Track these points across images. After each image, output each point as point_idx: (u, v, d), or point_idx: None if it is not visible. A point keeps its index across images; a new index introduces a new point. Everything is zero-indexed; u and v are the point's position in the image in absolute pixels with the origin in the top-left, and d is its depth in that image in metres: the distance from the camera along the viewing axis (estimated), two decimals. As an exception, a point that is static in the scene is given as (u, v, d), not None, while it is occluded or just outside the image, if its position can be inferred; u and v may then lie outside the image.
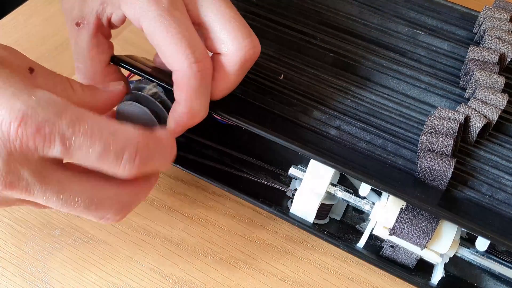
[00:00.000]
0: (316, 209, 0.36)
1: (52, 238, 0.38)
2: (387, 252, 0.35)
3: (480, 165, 0.36)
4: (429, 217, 0.33)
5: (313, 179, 0.35)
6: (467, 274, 0.37)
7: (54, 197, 0.28)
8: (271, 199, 0.37)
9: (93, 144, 0.27)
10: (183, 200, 0.41)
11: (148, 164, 0.30)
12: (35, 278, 0.36)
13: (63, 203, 0.29)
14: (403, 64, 0.41)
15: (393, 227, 0.33)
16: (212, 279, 0.37)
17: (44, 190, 0.28)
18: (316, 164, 0.35)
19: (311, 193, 0.35)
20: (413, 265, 0.35)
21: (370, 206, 0.35)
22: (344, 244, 0.35)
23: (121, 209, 0.31)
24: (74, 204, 0.29)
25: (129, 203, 0.32)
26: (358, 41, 0.42)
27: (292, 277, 0.38)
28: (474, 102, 0.37)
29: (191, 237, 0.39)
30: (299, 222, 0.36)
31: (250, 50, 0.33)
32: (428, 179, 0.34)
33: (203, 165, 0.39)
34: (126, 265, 0.37)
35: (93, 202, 0.29)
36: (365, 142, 0.36)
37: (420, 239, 0.32)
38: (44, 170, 0.27)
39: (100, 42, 0.35)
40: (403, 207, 0.33)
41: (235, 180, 0.38)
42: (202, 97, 0.32)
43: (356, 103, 0.38)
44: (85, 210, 0.30)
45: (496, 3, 0.44)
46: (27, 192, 0.28)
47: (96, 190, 0.30)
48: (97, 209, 0.30)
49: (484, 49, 0.39)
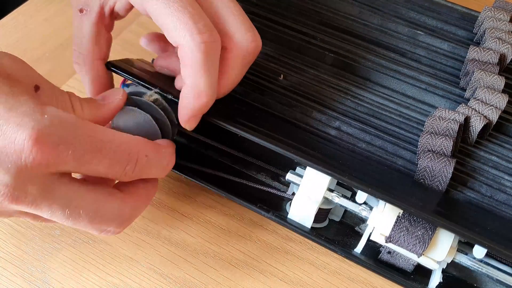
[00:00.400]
0: (314, 215, 0.35)
1: (52, 238, 0.38)
2: (385, 257, 0.35)
3: (480, 166, 0.36)
4: (426, 225, 0.32)
5: (310, 186, 0.35)
6: (467, 275, 0.36)
7: (59, 211, 0.28)
8: (270, 202, 0.37)
9: (103, 158, 0.28)
10: (183, 200, 0.41)
11: (148, 171, 0.31)
12: (35, 278, 0.36)
13: (68, 217, 0.29)
14: (403, 65, 0.41)
15: (389, 235, 0.33)
16: (212, 279, 0.37)
17: (50, 204, 0.28)
18: (313, 170, 0.34)
19: (308, 200, 0.35)
20: (411, 270, 0.35)
21: (367, 212, 0.35)
22: (342, 249, 0.35)
23: (123, 222, 0.32)
24: (78, 218, 0.29)
25: (131, 216, 0.32)
26: (358, 41, 0.42)
27: (292, 277, 0.38)
28: (474, 103, 0.37)
29: (191, 237, 0.39)
30: (296, 227, 0.36)
31: (252, 43, 0.34)
32: (427, 180, 0.34)
33: (202, 171, 0.39)
34: (126, 265, 0.37)
35: (97, 215, 0.30)
36: (364, 142, 0.36)
37: (416, 248, 0.32)
38: (51, 185, 0.28)
39: (100, 31, 0.36)
40: (400, 215, 0.33)
41: (234, 184, 0.38)
42: (208, 74, 0.32)
43: (356, 104, 0.38)
44: (89, 224, 0.30)
45: (496, 4, 0.44)
46: (33, 206, 0.28)
47: (100, 204, 0.30)
48: (101, 223, 0.30)
49: (484, 50, 0.39)
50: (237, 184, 0.38)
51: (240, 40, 0.33)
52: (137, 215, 0.33)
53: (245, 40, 0.33)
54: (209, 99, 0.32)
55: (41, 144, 0.26)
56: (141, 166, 0.30)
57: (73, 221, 0.29)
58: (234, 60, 0.34)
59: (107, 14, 0.35)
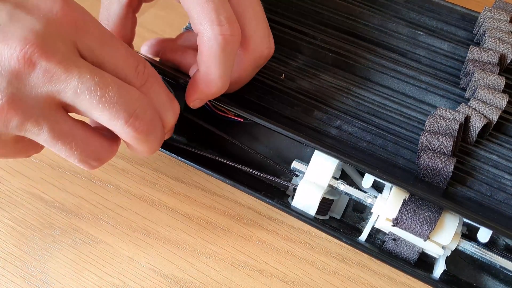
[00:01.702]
0: (318, 202, 0.35)
1: (52, 238, 0.38)
2: (389, 246, 0.35)
3: (480, 165, 0.36)
4: (432, 208, 0.33)
5: (316, 172, 0.35)
6: (467, 274, 0.37)
7: (47, 128, 0.28)
8: (272, 196, 0.37)
9: (120, 46, 0.29)
10: (183, 200, 0.41)
11: (156, 79, 0.31)
12: (35, 278, 0.36)
13: (58, 134, 0.28)
14: (403, 65, 0.41)
15: (396, 217, 0.33)
16: (212, 279, 0.37)
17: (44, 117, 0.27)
18: (319, 157, 0.35)
19: (313, 185, 0.35)
20: (414, 260, 0.35)
21: (372, 199, 0.35)
22: (347, 237, 0.35)
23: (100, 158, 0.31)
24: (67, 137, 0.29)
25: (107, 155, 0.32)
26: (358, 42, 0.42)
27: (292, 278, 0.38)
28: (474, 102, 0.37)
29: (191, 237, 0.39)
30: (300, 215, 0.36)
31: (266, 50, 0.35)
32: (428, 179, 0.34)
33: (205, 158, 0.39)
34: (126, 266, 0.37)
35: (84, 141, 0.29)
36: (365, 142, 0.37)
37: (423, 229, 0.33)
38: (47, 107, 0.28)
39: (128, 12, 0.37)
40: (406, 199, 0.33)
41: (236, 174, 0.39)
42: (222, 66, 0.32)
43: (356, 103, 0.38)
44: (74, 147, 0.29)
45: (496, 4, 0.44)
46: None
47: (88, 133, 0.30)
48: (85, 147, 0.30)
49: (484, 50, 0.39)
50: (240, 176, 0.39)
51: (257, 44, 0.34)
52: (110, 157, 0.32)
53: (262, 45, 0.35)
54: (218, 89, 0.33)
55: (69, 4, 0.27)
56: (149, 70, 0.31)
57: (61, 140, 0.29)
58: (247, 61, 0.35)
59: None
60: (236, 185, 0.37)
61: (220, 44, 0.31)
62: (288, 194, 0.40)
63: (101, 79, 0.28)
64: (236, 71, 0.35)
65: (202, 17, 0.31)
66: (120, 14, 0.36)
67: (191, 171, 0.42)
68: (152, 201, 0.40)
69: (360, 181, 0.36)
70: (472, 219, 0.31)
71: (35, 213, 0.39)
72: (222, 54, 0.32)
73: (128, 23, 0.37)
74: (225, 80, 0.33)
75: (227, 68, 0.32)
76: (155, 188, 0.41)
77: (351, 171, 0.38)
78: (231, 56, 0.32)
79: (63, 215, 0.39)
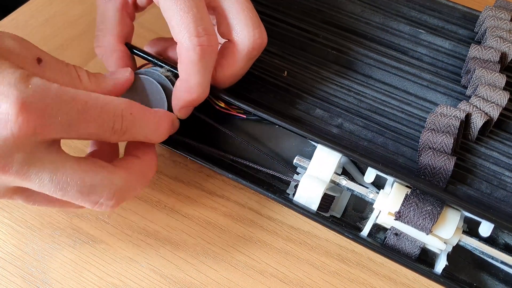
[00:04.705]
0: (320, 197, 0.35)
1: (52, 238, 0.38)
2: (391, 241, 0.35)
3: (480, 162, 0.36)
4: (434, 202, 0.33)
5: (319, 166, 0.36)
6: (467, 274, 0.37)
7: (47, 178, 0.28)
8: (274, 191, 0.37)
9: (90, 120, 0.29)
10: (183, 200, 0.41)
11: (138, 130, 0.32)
12: (35, 278, 0.36)
13: (56, 185, 0.29)
14: (405, 62, 0.41)
15: (399, 210, 0.33)
16: (212, 280, 0.37)
17: (38, 171, 0.28)
18: (322, 152, 0.35)
19: (316, 180, 0.35)
20: (416, 256, 0.34)
21: (374, 194, 0.35)
22: (349, 231, 0.35)
23: (114, 193, 0.31)
24: (67, 187, 0.29)
25: (122, 189, 0.32)
26: (360, 40, 0.42)
27: (292, 278, 0.38)
28: (475, 100, 0.37)
29: (191, 238, 0.39)
30: (302, 209, 0.35)
31: (257, 40, 0.35)
32: (428, 177, 0.34)
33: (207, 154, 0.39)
34: (126, 266, 0.37)
35: (85, 184, 0.30)
36: (366, 140, 0.37)
37: (426, 223, 0.33)
38: (39, 153, 0.28)
39: (124, 17, 0.37)
40: (408, 193, 0.33)
41: (238, 170, 0.39)
42: (200, 74, 0.33)
43: (358, 100, 0.39)
44: (78, 193, 0.30)
45: (497, 3, 0.44)
46: (21, 175, 0.28)
47: (88, 173, 0.30)
48: (90, 193, 0.30)
49: (485, 48, 0.39)
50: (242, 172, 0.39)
51: (246, 35, 0.35)
52: (130, 190, 0.32)
53: (252, 36, 0.35)
54: (199, 96, 0.34)
55: (26, 112, 0.26)
56: (128, 122, 0.31)
57: (62, 191, 0.29)
58: (239, 54, 0.35)
59: (131, 2, 0.37)
60: (238, 179, 0.37)
61: (198, 54, 0.32)
62: (288, 192, 0.39)
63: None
64: (229, 64, 0.36)
65: (182, 28, 0.32)
66: (116, 17, 0.37)
67: (191, 171, 0.42)
68: (152, 202, 0.40)
69: (361, 179, 0.36)
70: (474, 213, 0.32)
71: (35, 213, 0.39)
72: (200, 63, 0.33)
73: (125, 27, 0.37)
74: (205, 86, 0.34)
75: (206, 75, 0.34)
76: (155, 188, 0.41)
77: (352, 169, 0.38)
78: (209, 65, 0.34)
79: (63, 215, 0.39)
